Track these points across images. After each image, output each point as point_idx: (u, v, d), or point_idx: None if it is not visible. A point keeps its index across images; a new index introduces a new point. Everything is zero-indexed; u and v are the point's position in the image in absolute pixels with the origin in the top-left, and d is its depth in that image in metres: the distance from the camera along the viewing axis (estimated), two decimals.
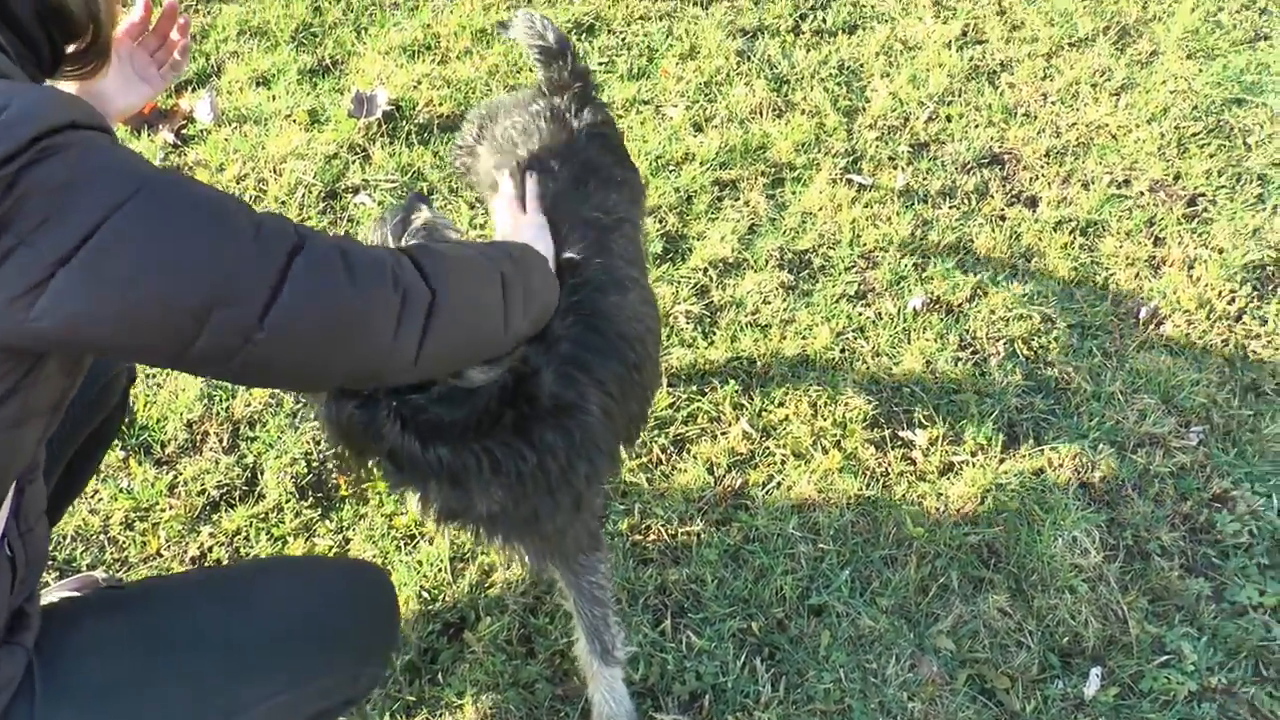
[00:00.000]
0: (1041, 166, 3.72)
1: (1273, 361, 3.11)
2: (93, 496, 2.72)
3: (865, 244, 3.41)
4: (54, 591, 2.38)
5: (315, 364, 1.36)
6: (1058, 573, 2.61)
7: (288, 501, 2.72)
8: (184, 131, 3.71)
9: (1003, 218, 3.54)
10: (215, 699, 1.62)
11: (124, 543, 2.65)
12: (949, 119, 3.89)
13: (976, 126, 3.86)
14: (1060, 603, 2.56)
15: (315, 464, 2.79)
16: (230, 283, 1.25)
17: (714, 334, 3.14)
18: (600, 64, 4.02)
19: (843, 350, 3.11)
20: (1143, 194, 3.61)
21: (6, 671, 1.46)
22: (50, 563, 2.59)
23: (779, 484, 2.79)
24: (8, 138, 1.12)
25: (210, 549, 2.64)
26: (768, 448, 2.87)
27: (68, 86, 1.77)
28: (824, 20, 4.28)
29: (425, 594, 2.55)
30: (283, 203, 3.44)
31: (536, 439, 1.73)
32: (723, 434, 2.89)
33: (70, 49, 1.42)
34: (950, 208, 3.55)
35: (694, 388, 2.99)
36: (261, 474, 2.79)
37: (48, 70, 1.44)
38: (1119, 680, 2.45)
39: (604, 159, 2.34)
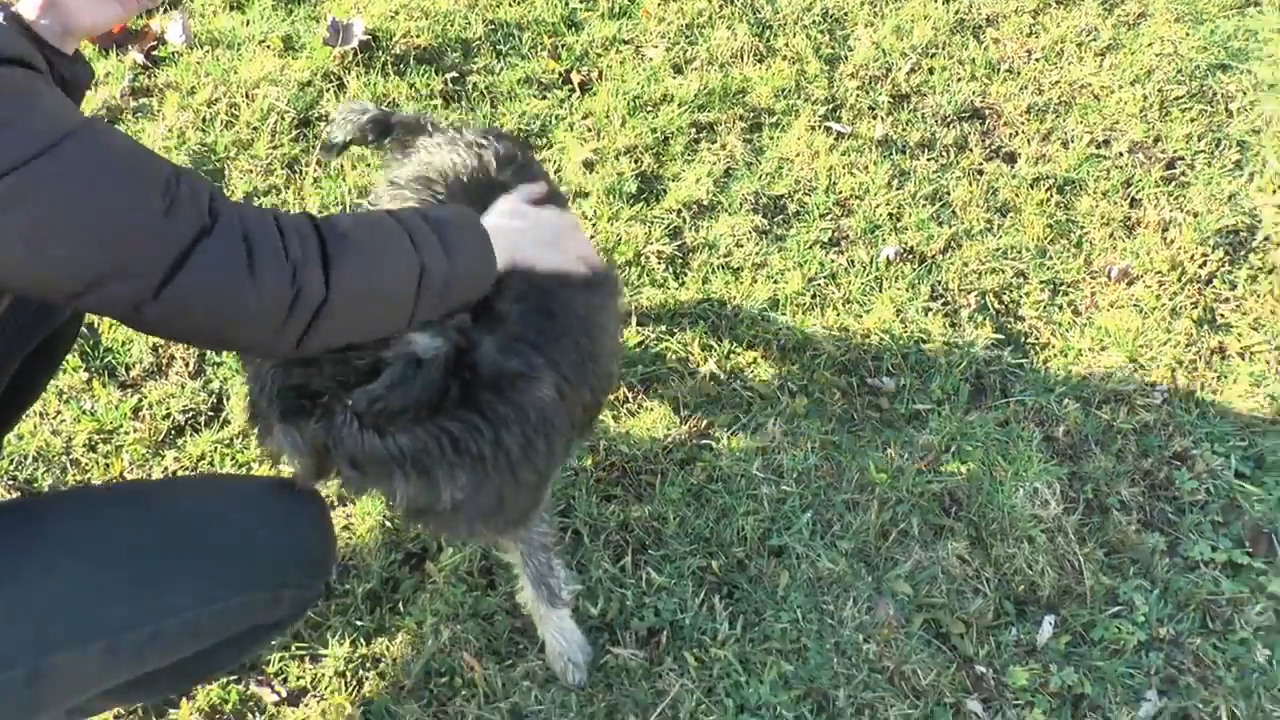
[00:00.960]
0: (1022, 123, 3.70)
1: (1239, 326, 3.13)
2: (55, 417, 2.70)
3: (841, 192, 3.40)
4: None
5: (203, 338, 1.42)
6: (1017, 523, 2.64)
7: None
8: (154, 53, 3.64)
9: (980, 172, 3.53)
10: (115, 608, 1.57)
11: (87, 465, 2.63)
12: (931, 71, 3.86)
13: (959, 80, 3.83)
14: (1018, 552, 2.59)
15: None
16: (130, 259, 1.26)
17: (685, 275, 3.13)
18: (581, 3, 3.97)
19: (814, 296, 3.11)
20: (1122, 155, 3.61)
21: None
22: (11, 483, 2.58)
23: (744, 425, 2.79)
24: None
25: (174, 473, 2.62)
26: (734, 389, 2.87)
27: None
28: None
29: (388, 523, 2.54)
30: (255, 128, 3.39)
31: (486, 409, 1.70)
32: (690, 374, 2.89)
33: None
34: (928, 159, 3.54)
35: (663, 327, 2.98)
36: (227, 399, 2.77)
37: None
38: (1071, 629, 2.49)
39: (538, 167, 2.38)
